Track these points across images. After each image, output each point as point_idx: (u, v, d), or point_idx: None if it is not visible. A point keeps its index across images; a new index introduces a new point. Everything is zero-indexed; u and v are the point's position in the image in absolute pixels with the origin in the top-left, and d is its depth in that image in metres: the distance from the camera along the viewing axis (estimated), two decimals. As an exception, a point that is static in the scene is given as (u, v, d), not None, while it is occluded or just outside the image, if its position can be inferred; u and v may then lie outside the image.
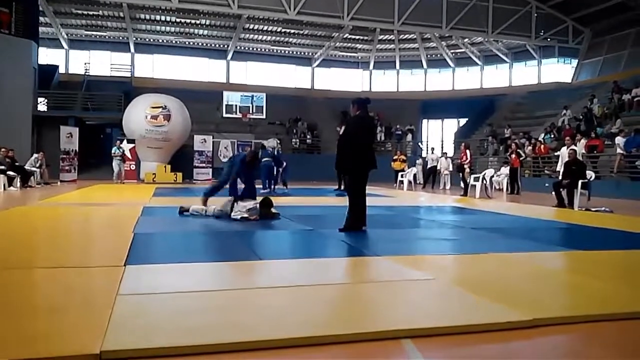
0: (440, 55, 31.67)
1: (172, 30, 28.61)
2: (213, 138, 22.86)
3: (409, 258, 4.46)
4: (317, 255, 4.85)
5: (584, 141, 17.07)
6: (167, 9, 25.23)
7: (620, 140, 16.17)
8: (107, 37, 28.91)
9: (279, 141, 23.59)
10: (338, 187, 15.32)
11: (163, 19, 27.12)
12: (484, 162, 22.23)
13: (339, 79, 32.85)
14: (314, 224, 6.80)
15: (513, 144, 17.86)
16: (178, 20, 27.19)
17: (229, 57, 30.57)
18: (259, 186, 14.96)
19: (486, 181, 14.79)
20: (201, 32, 28.95)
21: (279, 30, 28.70)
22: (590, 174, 11.49)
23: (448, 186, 19.09)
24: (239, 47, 30.38)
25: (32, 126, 21.66)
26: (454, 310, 2.88)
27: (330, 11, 24.55)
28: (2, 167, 13.69)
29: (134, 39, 28.73)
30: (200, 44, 30.29)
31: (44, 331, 2.35)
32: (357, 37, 30.27)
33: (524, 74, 30.34)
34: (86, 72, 27.00)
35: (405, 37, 30.35)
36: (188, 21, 27.33)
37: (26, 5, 21.31)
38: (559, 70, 29.14)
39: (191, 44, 30.13)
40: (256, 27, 28.38)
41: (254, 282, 3.52)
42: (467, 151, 15.85)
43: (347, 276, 4.11)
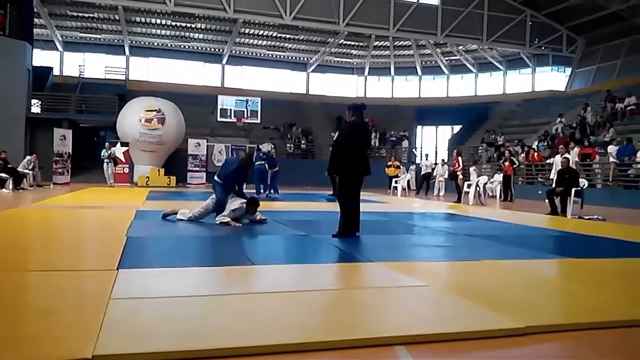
0: (434, 62, 31.83)
1: (168, 33, 28.62)
2: (207, 142, 22.81)
3: (402, 264, 4.46)
4: (310, 260, 4.84)
5: (577, 149, 17.17)
6: (163, 12, 25.25)
7: (612, 149, 16.29)
8: (102, 39, 28.86)
9: (273, 146, 23.62)
10: (333, 192, 15.28)
11: (158, 22, 27.14)
12: (478, 169, 22.22)
13: (334, 84, 32.93)
14: (307, 229, 6.80)
15: (507, 151, 17.95)
16: (173, 23, 27.23)
17: (224, 61, 30.59)
18: (251, 191, 15.06)
19: (480, 188, 14.84)
20: (196, 35, 28.99)
21: (274, 35, 28.77)
22: (583, 182, 11.57)
23: (442, 193, 19.13)
24: (234, 52, 30.41)
25: (25, 128, 21.54)
26: (447, 317, 2.88)
27: (325, 17, 24.65)
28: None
29: (129, 41, 28.70)
30: (196, 47, 30.29)
31: (36, 335, 2.33)
32: (353, 43, 30.39)
33: (518, 82, 30.52)
34: (81, 74, 26.94)
35: (400, 43, 30.46)
36: (183, 25, 27.36)
37: (21, 6, 21.25)
38: (552, 79, 29.31)
39: (186, 47, 30.13)
40: (252, 31, 28.46)
41: (247, 287, 3.51)
42: (459, 158, 15.93)
43: (340, 282, 4.10)
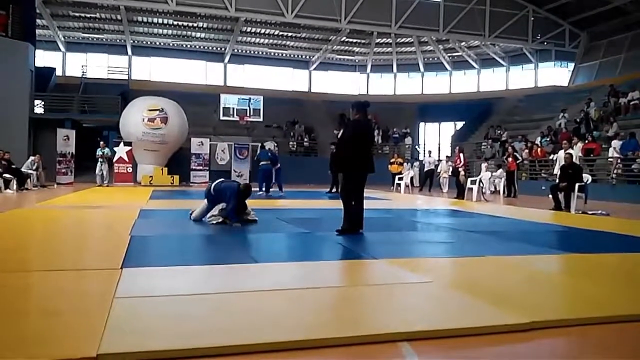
0: (437, 59, 31.73)
1: (170, 33, 28.61)
2: (210, 141, 22.79)
3: (406, 261, 4.45)
4: (314, 258, 4.84)
5: (580, 144, 17.13)
6: (165, 11, 25.25)
7: (616, 144, 16.24)
8: (105, 39, 28.86)
9: (276, 144, 23.62)
10: (330, 189, 15.27)
11: (160, 21, 27.12)
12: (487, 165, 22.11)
13: (336, 82, 32.85)
14: (310, 226, 6.79)
15: (510, 147, 17.91)
16: (175, 23, 27.21)
17: (227, 60, 30.56)
18: (255, 189, 15.03)
19: (483, 184, 14.81)
20: (198, 34, 28.95)
21: (276, 33, 28.72)
22: (587, 177, 11.53)
23: (446, 189, 19.11)
24: (236, 50, 30.37)
25: (29, 129, 21.57)
26: (451, 313, 2.87)
27: (327, 14, 24.61)
28: (-1, 169, 13.66)
29: (132, 41, 28.70)
30: (198, 46, 30.27)
31: (40, 334, 2.34)
32: (355, 41, 30.31)
33: (521, 78, 30.36)
34: (83, 74, 26.94)
35: (403, 40, 30.38)
36: (185, 24, 27.34)
37: (23, 7, 21.24)
38: (555, 74, 29.17)
39: (188, 46, 30.11)
40: (253, 30, 28.42)
41: (251, 285, 3.51)
42: (461, 154, 15.90)
43: (344, 279, 4.10)
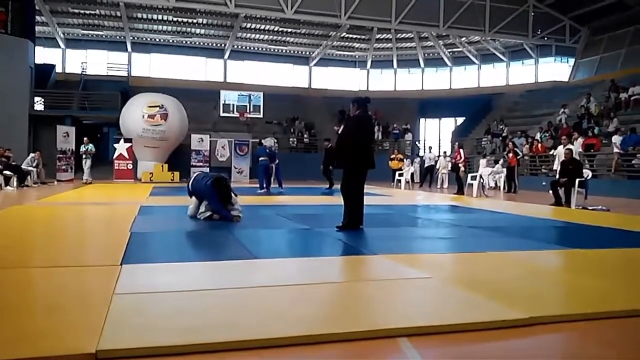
0: (437, 54, 31.67)
1: (169, 29, 28.58)
2: (210, 137, 22.80)
3: (406, 257, 4.46)
4: (314, 254, 4.84)
5: (581, 140, 17.10)
6: (164, 8, 25.15)
7: (616, 139, 16.22)
8: (104, 36, 28.85)
9: (276, 140, 23.62)
10: (330, 186, 15.25)
11: (160, 18, 27.05)
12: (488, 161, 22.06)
13: (336, 78, 32.82)
14: (310, 222, 6.79)
15: (510, 142, 17.90)
16: (175, 19, 27.15)
17: (226, 56, 30.53)
18: (255, 185, 15.10)
19: (483, 180, 14.80)
20: (198, 31, 28.90)
21: (276, 29, 28.66)
22: (587, 172, 11.52)
23: (446, 185, 19.11)
24: (236, 46, 30.33)
25: (29, 125, 21.57)
26: (451, 309, 2.87)
27: (327, 10, 24.53)
28: (-1, 166, 13.66)
29: (131, 38, 28.67)
30: (198, 43, 30.23)
31: (40, 330, 2.34)
32: (355, 36, 30.25)
33: (521, 73, 30.36)
34: (83, 71, 26.93)
35: (403, 36, 30.33)
36: (185, 20, 27.28)
37: (22, 4, 21.20)
38: (556, 69, 29.14)
39: (188, 43, 30.06)
40: (253, 26, 28.35)
41: (251, 281, 3.51)
42: (461, 150, 15.91)
43: (343, 275, 4.10)
